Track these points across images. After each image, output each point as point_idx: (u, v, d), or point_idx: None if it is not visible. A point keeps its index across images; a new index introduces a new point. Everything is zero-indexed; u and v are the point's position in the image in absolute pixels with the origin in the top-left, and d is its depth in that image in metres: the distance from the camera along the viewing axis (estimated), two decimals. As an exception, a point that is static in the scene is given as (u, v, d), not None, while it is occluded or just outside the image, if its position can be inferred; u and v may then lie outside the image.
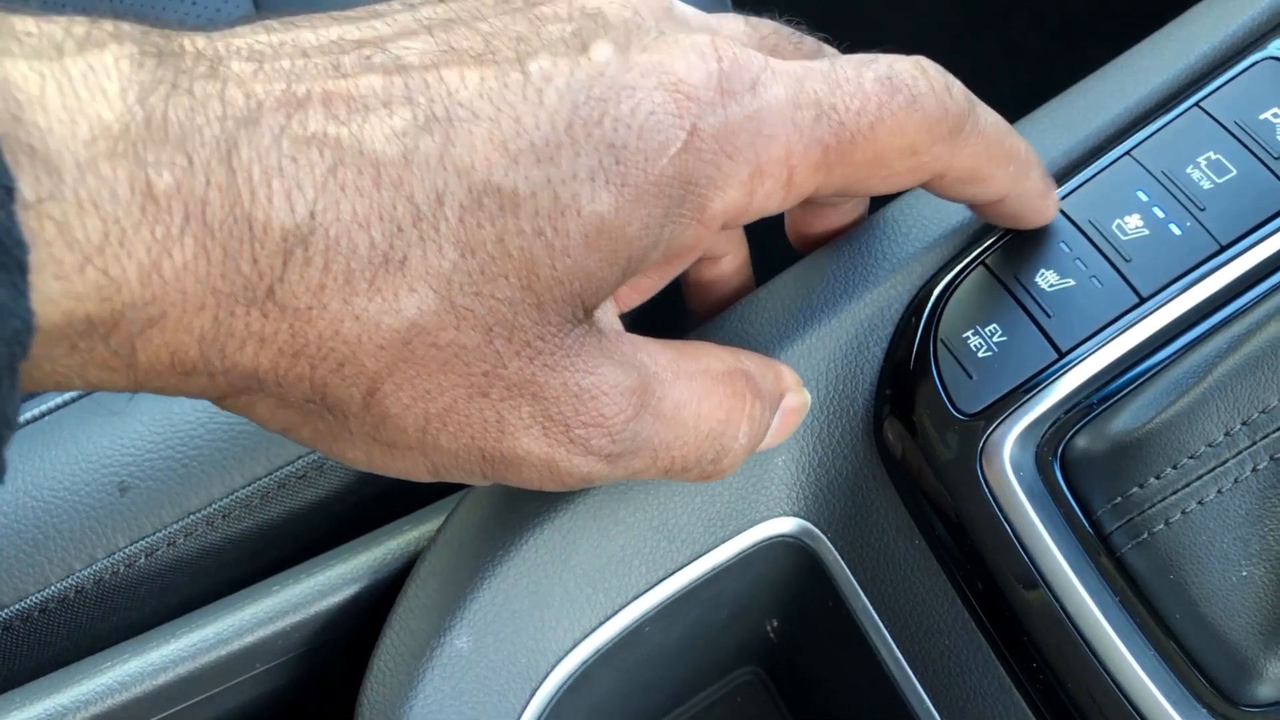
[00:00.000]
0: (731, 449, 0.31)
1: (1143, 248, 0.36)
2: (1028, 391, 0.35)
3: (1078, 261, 0.36)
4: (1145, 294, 0.35)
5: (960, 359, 0.36)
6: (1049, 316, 0.36)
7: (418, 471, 0.28)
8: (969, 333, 0.36)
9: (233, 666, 0.36)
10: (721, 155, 0.27)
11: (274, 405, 0.26)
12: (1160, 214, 0.36)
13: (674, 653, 0.41)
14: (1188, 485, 0.32)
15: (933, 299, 0.37)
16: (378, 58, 0.25)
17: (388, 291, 0.24)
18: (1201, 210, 0.36)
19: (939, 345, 0.36)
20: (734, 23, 0.32)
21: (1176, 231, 0.36)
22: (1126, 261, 0.36)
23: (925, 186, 0.32)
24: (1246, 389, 0.32)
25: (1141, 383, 0.34)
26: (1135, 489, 0.32)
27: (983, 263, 0.37)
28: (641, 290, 0.32)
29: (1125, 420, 0.33)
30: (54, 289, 0.21)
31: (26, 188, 0.20)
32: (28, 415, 0.41)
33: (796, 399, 0.34)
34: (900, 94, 0.29)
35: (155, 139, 0.21)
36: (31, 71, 0.21)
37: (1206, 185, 0.37)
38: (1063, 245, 0.37)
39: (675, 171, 0.26)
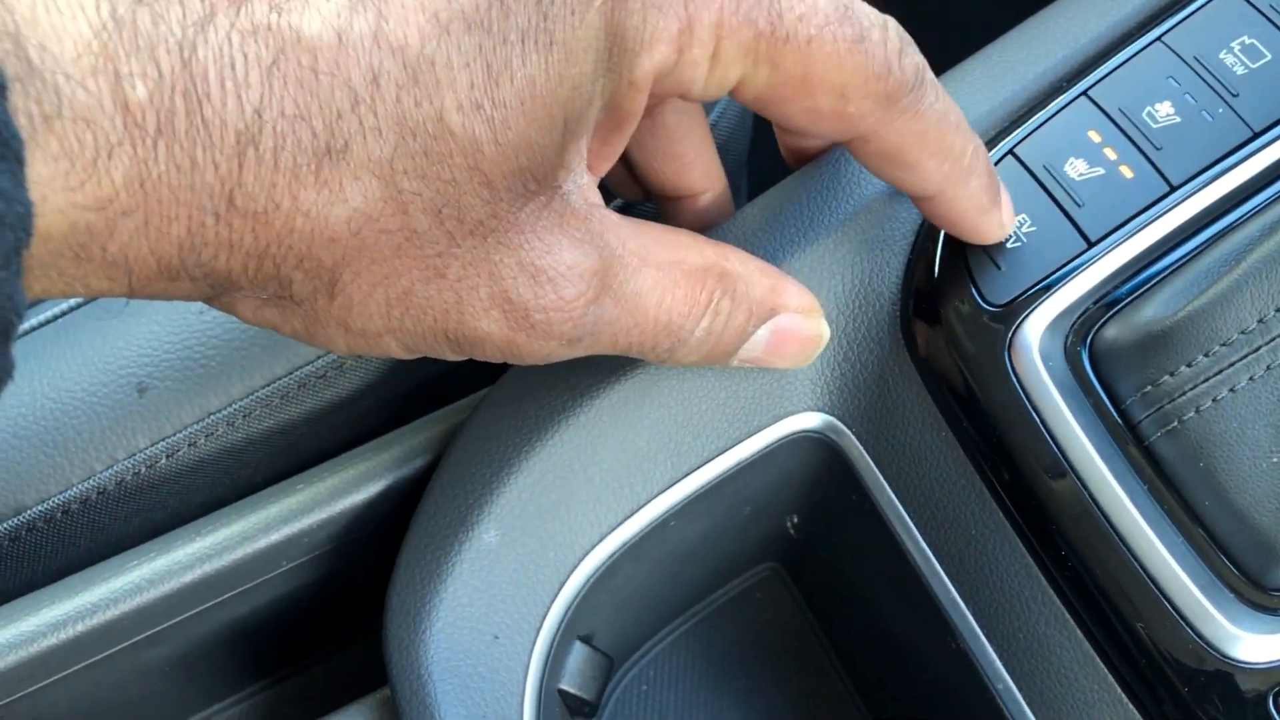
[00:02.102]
0: (687, 342, 0.31)
1: (1174, 135, 0.35)
2: (1057, 282, 0.34)
3: (1107, 150, 0.36)
4: (1176, 182, 0.35)
5: (988, 250, 0.35)
6: (1078, 206, 0.35)
7: (394, 350, 0.28)
8: (997, 223, 0.35)
9: (259, 564, 0.36)
10: (650, 7, 0.26)
11: (254, 304, 0.27)
12: (1192, 101, 0.36)
13: (697, 547, 0.41)
14: (1220, 372, 0.32)
15: (960, 190, 0.36)
16: None
17: (333, 182, 0.24)
18: (1234, 96, 0.36)
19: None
20: None
21: (1208, 118, 0.35)
22: (1157, 149, 0.35)
23: (851, 151, 0.32)
24: (1279, 275, 0.31)
25: (1172, 272, 0.34)
26: (1165, 377, 0.32)
27: (1011, 152, 0.36)
28: (604, 157, 0.31)
29: (1155, 309, 0.33)
30: (61, 200, 0.22)
31: (33, 105, 0.21)
32: (41, 318, 0.40)
33: (803, 324, 0.33)
34: (850, 27, 0.28)
35: (128, 50, 0.22)
36: None
37: (1240, 70, 0.36)
38: (1092, 133, 0.36)
39: (601, 23, 0.26)
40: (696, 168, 0.36)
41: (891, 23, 0.30)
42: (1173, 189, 0.35)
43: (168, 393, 0.38)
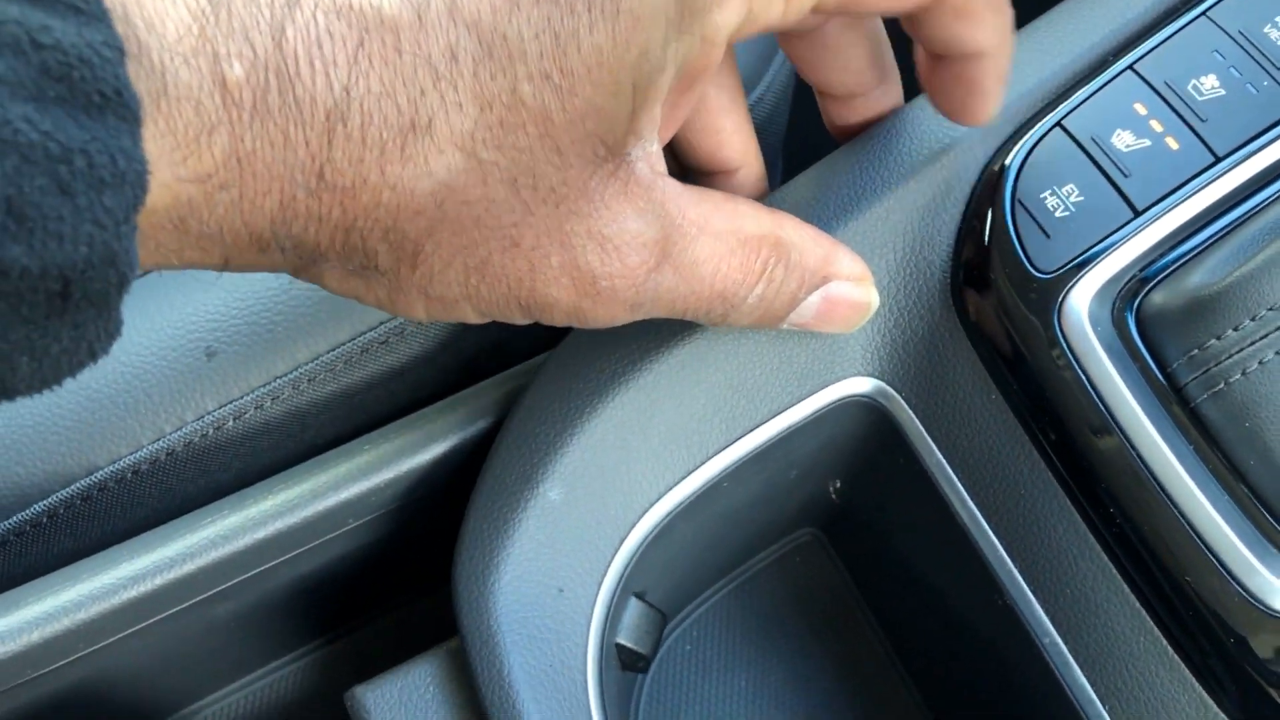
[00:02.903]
0: (740, 308, 0.32)
1: (1219, 107, 0.36)
2: (1105, 250, 0.35)
3: (1153, 122, 0.37)
4: (1221, 153, 0.36)
5: (1038, 219, 0.36)
6: (1125, 176, 0.36)
7: (470, 316, 0.29)
8: (1046, 193, 0.36)
9: (326, 522, 0.38)
10: None
11: (340, 274, 0.28)
12: (1236, 74, 0.37)
13: (744, 510, 0.42)
14: (1265, 336, 0.33)
15: (1009, 161, 0.37)
16: None
17: (418, 157, 0.25)
18: (1279, 69, 0.36)
19: (1016, 206, 0.37)
20: None
21: (1253, 91, 0.36)
22: (1203, 121, 0.36)
23: (921, 20, 0.32)
24: (1327, 241, 0.32)
25: (1218, 239, 0.35)
26: (1212, 341, 0.33)
27: (1059, 124, 0.37)
28: (672, 121, 0.33)
29: (1202, 275, 0.34)
30: (166, 175, 0.23)
31: (142, 83, 0.22)
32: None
33: (854, 291, 0.34)
34: None
35: (224, 32, 0.23)
36: None
37: (1284, 44, 0.37)
38: (1138, 106, 0.37)
39: None
40: (734, 143, 0.37)
41: None
42: (1218, 159, 0.36)
43: (235, 357, 0.40)
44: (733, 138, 0.37)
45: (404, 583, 0.45)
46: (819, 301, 0.34)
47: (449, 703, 0.35)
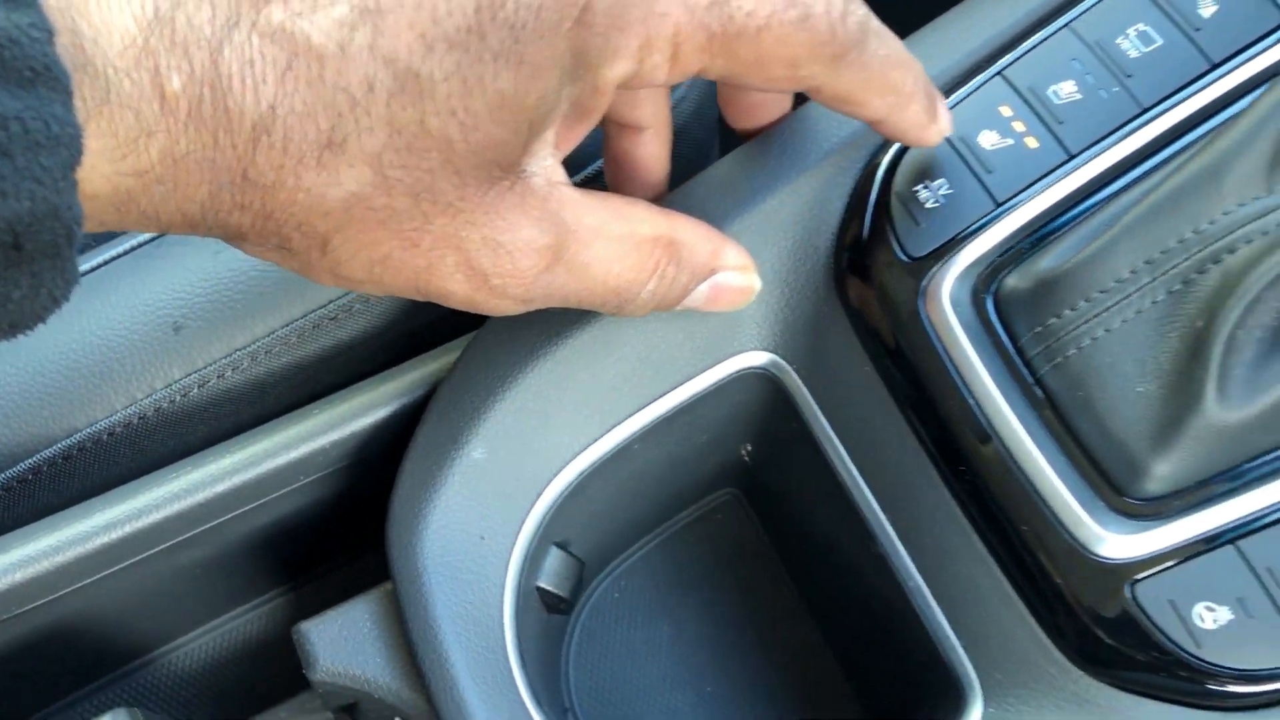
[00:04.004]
0: (634, 301, 0.35)
1: (1074, 111, 0.41)
2: (967, 238, 0.40)
3: (1016, 123, 0.41)
4: (1074, 151, 0.40)
5: (910, 209, 0.41)
6: (989, 172, 0.40)
7: (374, 293, 0.33)
8: (919, 187, 0.41)
9: (280, 478, 0.42)
10: (613, 29, 0.30)
11: (261, 249, 0.31)
12: (1091, 80, 0.41)
13: (661, 471, 0.47)
14: (1097, 315, 0.37)
15: (889, 157, 0.42)
16: None
17: (331, 168, 0.28)
18: (1128, 77, 0.41)
19: (893, 198, 0.41)
20: None
21: (1104, 96, 0.41)
22: (1060, 123, 0.41)
23: (807, 95, 0.36)
24: (1149, 232, 0.37)
25: (1066, 229, 0.39)
26: (1053, 319, 0.38)
27: (933, 125, 0.42)
28: (570, 139, 0.35)
29: (1048, 261, 0.39)
30: (107, 169, 0.26)
31: (87, 91, 0.25)
32: (88, 265, 0.46)
33: (738, 279, 0.38)
34: (794, 9, 0.32)
35: (166, 45, 0.26)
36: None
37: (1134, 54, 0.41)
38: (1004, 108, 0.41)
39: (568, 46, 0.29)
40: (646, 105, 0.40)
41: None
42: (1071, 157, 0.40)
43: (200, 330, 0.44)
44: (645, 100, 0.40)
45: (357, 536, 0.50)
46: (707, 289, 0.38)
47: (382, 636, 0.40)
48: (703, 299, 0.38)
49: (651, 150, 0.41)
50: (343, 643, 0.40)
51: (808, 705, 0.49)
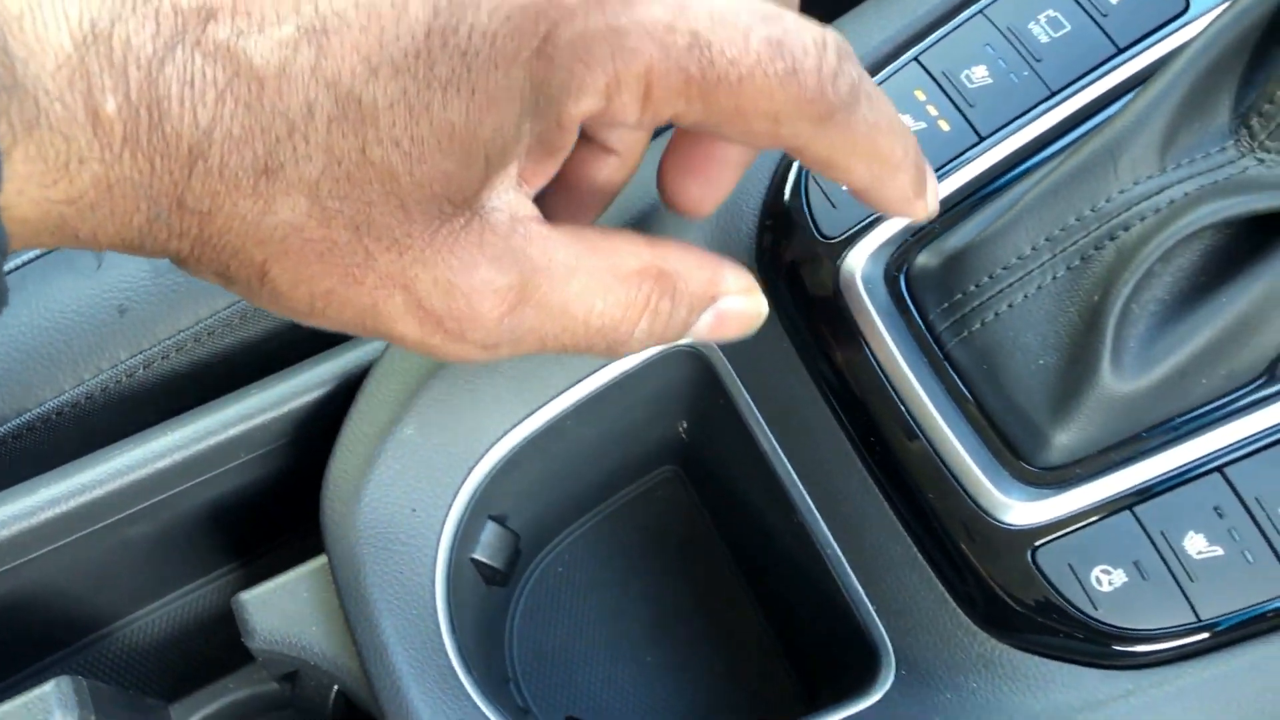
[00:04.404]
0: (626, 342, 0.32)
1: (986, 94, 0.42)
2: (881, 218, 0.41)
3: (930, 106, 0.42)
4: (985, 133, 0.41)
5: (826, 193, 0.42)
6: (902, 154, 0.42)
7: (327, 329, 0.31)
8: (835, 169, 0.42)
9: (222, 454, 0.44)
10: (576, 62, 0.27)
11: (204, 273, 0.30)
12: (1003, 65, 0.42)
13: (598, 447, 0.48)
14: (1000, 291, 0.39)
15: (807, 140, 0.43)
16: None
17: (267, 195, 0.26)
18: (1038, 61, 0.42)
19: (809, 182, 0.42)
20: None
21: (1015, 80, 0.42)
22: (971, 106, 0.42)
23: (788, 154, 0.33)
24: (1050, 210, 0.38)
25: (975, 208, 0.41)
26: (959, 295, 0.39)
27: (851, 109, 0.43)
28: (539, 174, 0.32)
29: (956, 239, 0.40)
30: (36, 194, 0.25)
31: (15, 113, 0.24)
32: (33, 254, 0.47)
33: (741, 303, 0.34)
34: (782, 60, 0.28)
35: (103, 65, 0.24)
36: None
37: (1044, 39, 0.42)
38: (919, 93, 0.43)
39: (526, 76, 0.27)
40: (622, 129, 0.36)
41: (831, 40, 0.29)
42: (981, 139, 0.41)
43: (144, 313, 0.46)
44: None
45: (302, 514, 0.51)
46: (711, 319, 0.34)
47: (319, 606, 0.41)
48: (707, 330, 0.34)
49: (610, 176, 0.37)
50: (280, 613, 0.41)
51: (744, 674, 0.50)
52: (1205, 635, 0.36)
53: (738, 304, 0.34)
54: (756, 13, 0.29)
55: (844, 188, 0.32)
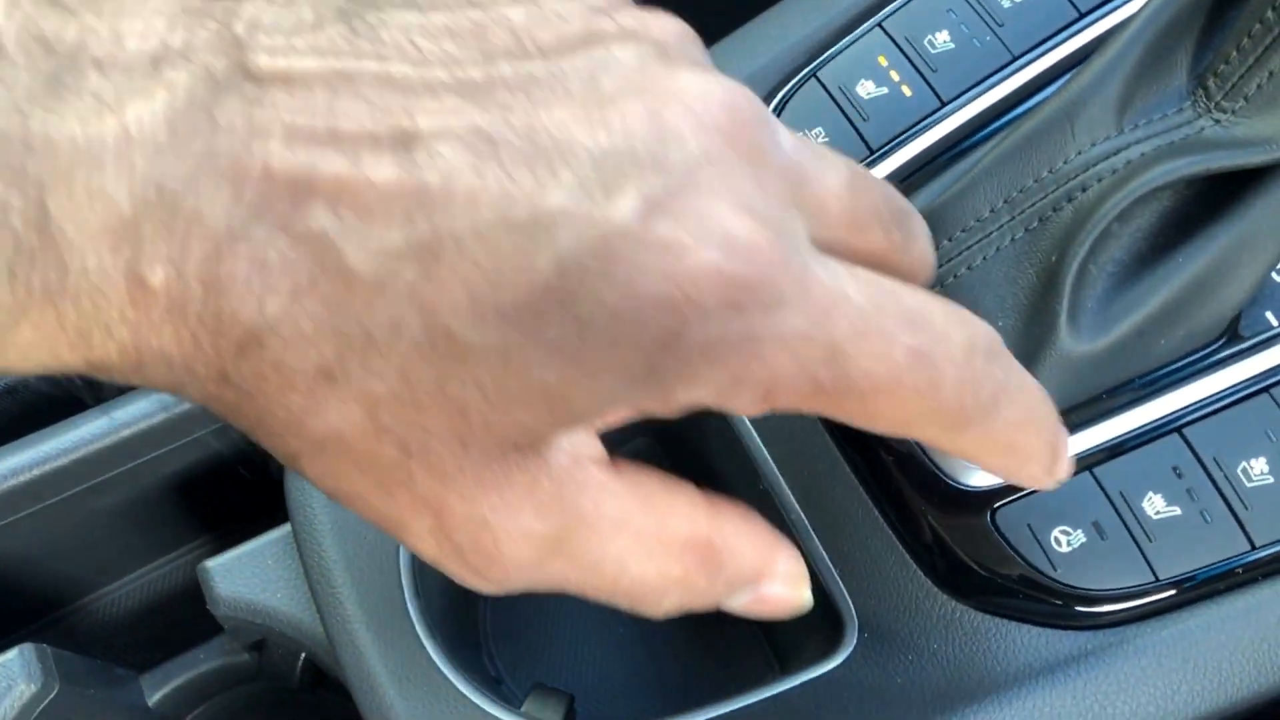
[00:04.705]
0: (649, 609, 0.29)
1: (948, 59, 0.42)
2: (844, 183, 0.41)
3: (893, 72, 0.42)
4: (946, 98, 0.42)
5: (789, 157, 0.42)
6: (865, 120, 0.42)
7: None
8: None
9: (186, 424, 0.44)
10: (700, 359, 0.24)
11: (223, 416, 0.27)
12: (965, 30, 0.42)
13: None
14: (960, 254, 0.39)
15: (771, 107, 0.43)
16: (410, 142, 0.23)
17: (320, 398, 0.24)
18: (1000, 26, 0.42)
19: (772, 146, 0.42)
20: (834, 173, 0.28)
21: (978, 45, 0.42)
22: (933, 71, 0.42)
23: None
24: (1008, 172, 0.38)
25: (935, 173, 0.41)
26: (919, 259, 0.39)
27: (814, 75, 0.43)
28: (618, 418, 0.30)
29: (917, 202, 0.40)
30: (45, 358, 0.22)
31: (35, 280, 0.21)
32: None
33: (786, 593, 0.31)
34: (924, 375, 0.26)
35: (161, 230, 0.21)
36: (78, 133, 0.21)
37: (1007, 4, 0.42)
38: (881, 58, 0.43)
39: (642, 361, 0.24)
40: None
41: (981, 342, 0.28)
42: (943, 104, 0.41)
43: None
44: None
45: (273, 486, 0.51)
46: (748, 600, 0.30)
47: (284, 574, 0.41)
48: (740, 607, 0.31)
49: None
50: (245, 580, 0.41)
51: (716, 644, 0.50)
52: (1164, 594, 0.36)
53: (780, 591, 0.31)
54: (905, 318, 0.26)
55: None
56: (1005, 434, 0.29)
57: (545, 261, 0.23)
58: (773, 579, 0.30)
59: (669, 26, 0.27)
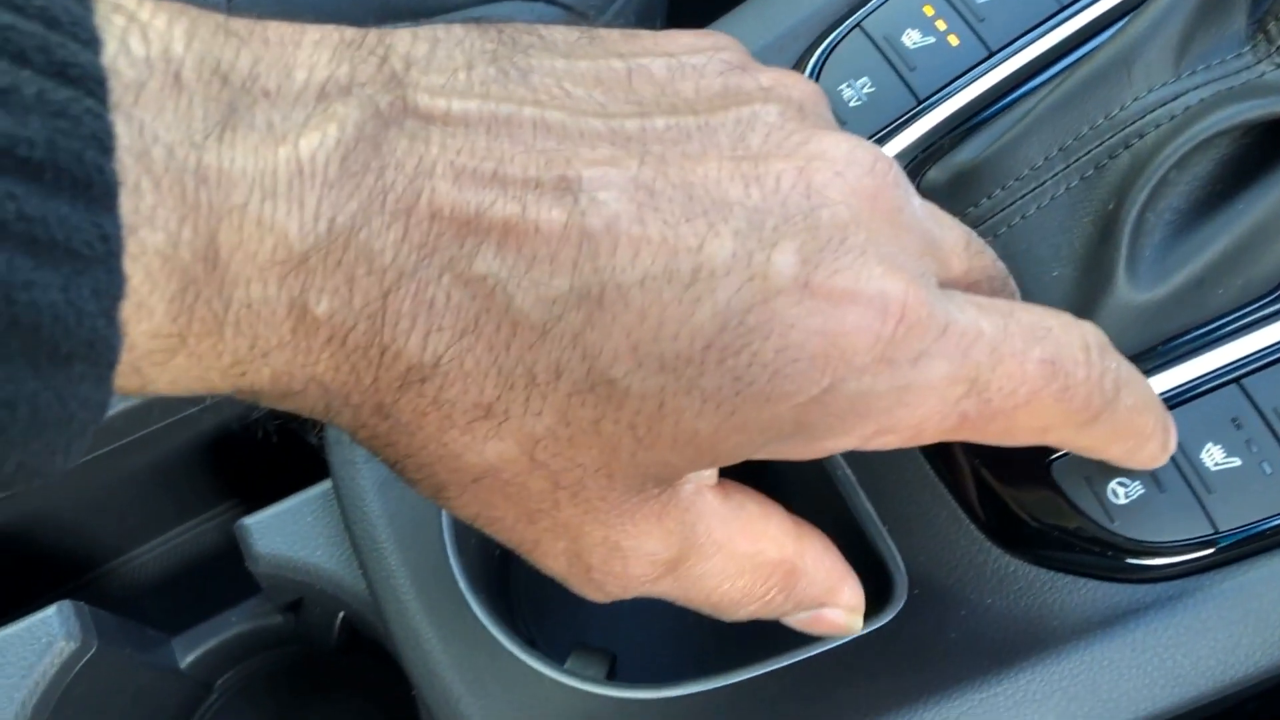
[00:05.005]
0: (726, 617, 0.31)
1: (995, 8, 0.41)
2: (891, 134, 0.41)
3: (939, 21, 0.42)
4: (994, 47, 0.41)
5: (835, 108, 0.41)
6: (911, 70, 0.41)
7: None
8: (843, 85, 0.42)
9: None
10: (851, 414, 0.26)
11: (358, 441, 0.27)
12: (1014, -23, 0.42)
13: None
14: (1013, 203, 0.38)
15: (814, 58, 0.42)
16: (572, 189, 0.24)
17: (479, 435, 0.24)
18: (1050, -28, 0.41)
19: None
20: (954, 234, 0.30)
21: (1027, -8, 0.41)
22: (980, 20, 0.41)
23: None
24: (1063, 119, 0.37)
25: (986, 123, 0.40)
26: (971, 208, 0.38)
27: (859, 25, 0.42)
28: None
29: (966, 153, 0.39)
30: (193, 384, 0.22)
31: (199, 310, 0.21)
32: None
33: (841, 618, 0.34)
34: (1057, 383, 0.28)
35: (329, 265, 0.22)
36: (250, 166, 0.21)
37: (1056, -48, 0.42)
38: (927, 8, 0.42)
39: (793, 417, 0.25)
40: None
41: (1093, 340, 0.29)
42: (991, 54, 0.41)
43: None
44: None
45: (307, 451, 0.51)
46: (807, 618, 0.34)
47: (323, 529, 0.41)
48: (797, 623, 0.34)
49: None
50: (285, 537, 0.41)
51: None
52: (1223, 547, 0.36)
53: (837, 617, 0.34)
54: (1030, 334, 0.28)
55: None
56: (1128, 420, 0.31)
57: (706, 314, 0.24)
58: (836, 606, 0.33)
59: (805, 87, 0.29)
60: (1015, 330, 0.27)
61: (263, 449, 0.49)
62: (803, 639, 0.40)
